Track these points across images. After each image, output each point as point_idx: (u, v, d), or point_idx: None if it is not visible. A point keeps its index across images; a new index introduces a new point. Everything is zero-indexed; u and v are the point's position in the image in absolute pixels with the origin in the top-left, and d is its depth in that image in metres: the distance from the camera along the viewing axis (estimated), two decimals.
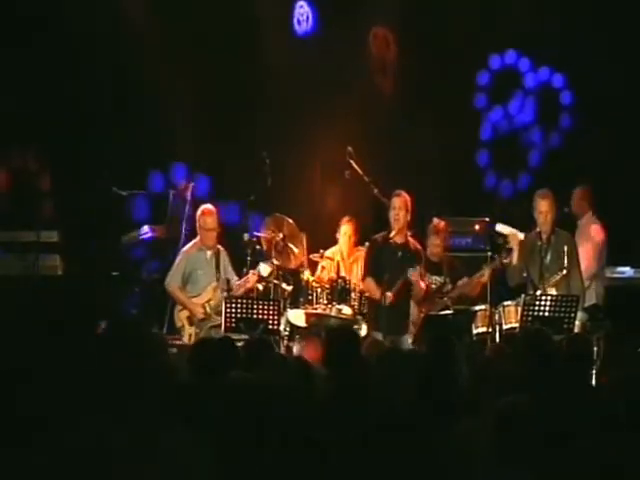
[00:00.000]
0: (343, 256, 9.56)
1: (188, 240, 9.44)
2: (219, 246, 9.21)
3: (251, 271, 9.06)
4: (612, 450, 4.21)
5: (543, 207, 8.80)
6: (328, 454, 4.00)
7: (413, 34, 11.06)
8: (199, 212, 9.18)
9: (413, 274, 8.56)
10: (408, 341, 8.54)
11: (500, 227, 9.31)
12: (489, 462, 4.01)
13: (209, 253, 9.15)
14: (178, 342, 8.78)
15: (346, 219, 9.60)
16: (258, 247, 9.46)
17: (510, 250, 8.96)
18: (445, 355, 5.44)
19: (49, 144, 10.48)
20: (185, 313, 9.03)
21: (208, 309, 8.97)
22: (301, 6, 11.39)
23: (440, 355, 5.44)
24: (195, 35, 10.87)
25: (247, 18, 10.98)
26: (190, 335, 8.93)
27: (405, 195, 8.73)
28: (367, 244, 9.07)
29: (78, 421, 3.79)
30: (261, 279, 9.11)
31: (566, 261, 8.60)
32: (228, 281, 8.90)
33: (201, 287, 9.07)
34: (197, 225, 9.16)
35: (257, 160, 9.83)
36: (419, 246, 8.91)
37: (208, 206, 9.22)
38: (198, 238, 9.18)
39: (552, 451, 4.12)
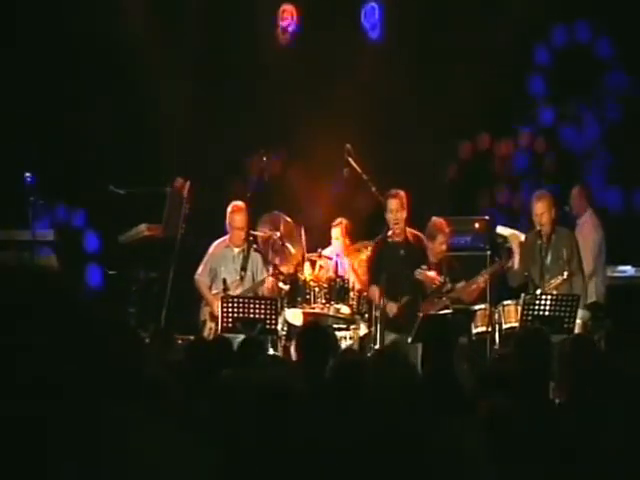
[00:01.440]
0: (339, 256, 9.52)
1: (185, 240, 9.39)
2: (254, 245, 9.15)
3: (264, 272, 9.02)
4: (611, 451, 4.16)
5: (539, 209, 8.74)
6: (322, 454, 3.95)
7: (413, 21, 11.01)
8: (229, 209, 9.11)
9: (420, 274, 8.55)
10: (409, 340, 8.47)
11: (501, 229, 9.26)
12: (485, 462, 3.96)
13: (236, 251, 9.09)
14: (178, 341, 8.73)
15: (336, 222, 9.54)
16: (255, 246, 9.42)
17: (511, 252, 8.90)
18: (444, 355, 5.41)
19: (48, 144, 10.46)
20: (209, 308, 8.98)
21: None
22: (283, 11, 11.27)
23: (439, 355, 5.40)
24: (195, 35, 10.85)
25: (246, 17, 10.96)
26: (210, 329, 8.86)
27: (401, 194, 8.63)
28: (369, 250, 8.99)
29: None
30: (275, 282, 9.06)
31: (567, 265, 8.55)
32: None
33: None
34: (226, 222, 9.09)
35: (255, 158, 9.80)
36: (420, 235, 8.83)
37: (238, 203, 9.12)
38: (228, 236, 9.13)
39: (548, 451, 4.08)
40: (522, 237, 8.97)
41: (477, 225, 10.17)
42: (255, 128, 10.73)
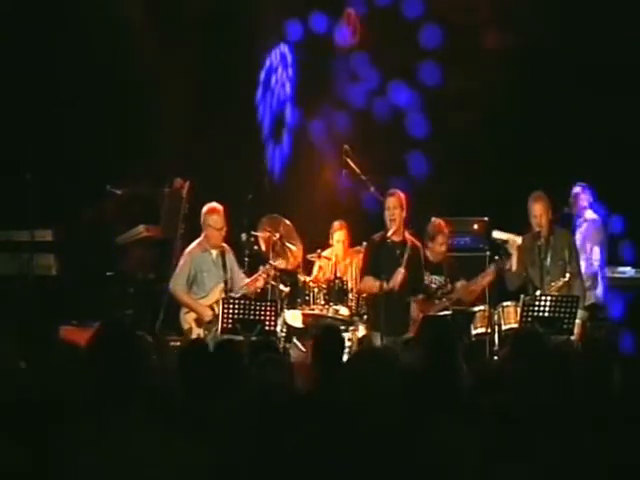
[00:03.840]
0: (338, 259, 9.51)
1: (184, 239, 9.37)
2: (224, 245, 8.93)
3: (261, 267, 8.94)
4: (610, 450, 4.16)
5: (537, 211, 8.69)
6: (318, 454, 3.94)
7: None
8: (206, 210, 8.85)
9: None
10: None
11: (497, 234, 9.24)
12: (484, 462, 3.96)
13: (215, 253, 8.85)
14: (176, 343, 8.73)
15: (338, 225, 9.52)
16: (256, 247, 9.41)
17: (509, 255, 8.89)
18: (445, 356, 5.40)
19: (46, 142, 10.47)
20: (192, 315, 8.78)
21: (217, 310, 8.66)
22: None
23: (440, 356, 5.39)
24: (194, 35, 10.87)
25: (246, 17, 10.98)
26: (198, 336, 8.67)
27: (399, 193, 8.61)
28: (365, 245, 9.00)
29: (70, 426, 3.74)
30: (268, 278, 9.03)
31: (568, 267, 8.54)
32: (226, 282, 8.82)
33: (207, 288, 8.80)
34: (204, 224, 8.84)
35: (254, 159, 9.81)
36: (418, 243, 8.83)
37: (215, 204, 8.88)
38: (202, 238, 8.88)
39: (545, 450, 4.07)
40: (519, 240, 8.95)
41: (476, 226, 10.19)
42: (253, 127, 10.76)
